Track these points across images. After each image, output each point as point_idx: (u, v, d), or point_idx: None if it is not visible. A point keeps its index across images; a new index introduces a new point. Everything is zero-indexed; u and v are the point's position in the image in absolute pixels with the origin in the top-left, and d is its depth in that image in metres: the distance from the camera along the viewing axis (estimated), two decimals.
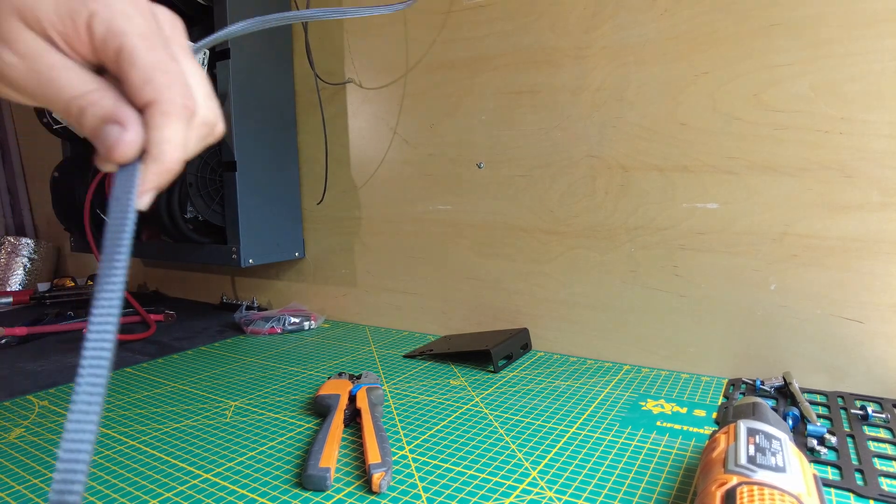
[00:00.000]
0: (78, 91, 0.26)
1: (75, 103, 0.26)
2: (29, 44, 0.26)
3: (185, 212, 0.90)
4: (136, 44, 0.26)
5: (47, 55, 0.26)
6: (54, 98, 0.26)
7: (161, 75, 0.27)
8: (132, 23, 0.27)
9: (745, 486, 0.34)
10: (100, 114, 0.26)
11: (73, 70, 0.26)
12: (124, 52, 0.26)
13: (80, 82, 0.26)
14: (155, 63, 0.27)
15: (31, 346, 0.88)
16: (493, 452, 0.50)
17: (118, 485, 0.46)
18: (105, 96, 0.26)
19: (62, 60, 0.26)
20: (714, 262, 0.65)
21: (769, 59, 0.60)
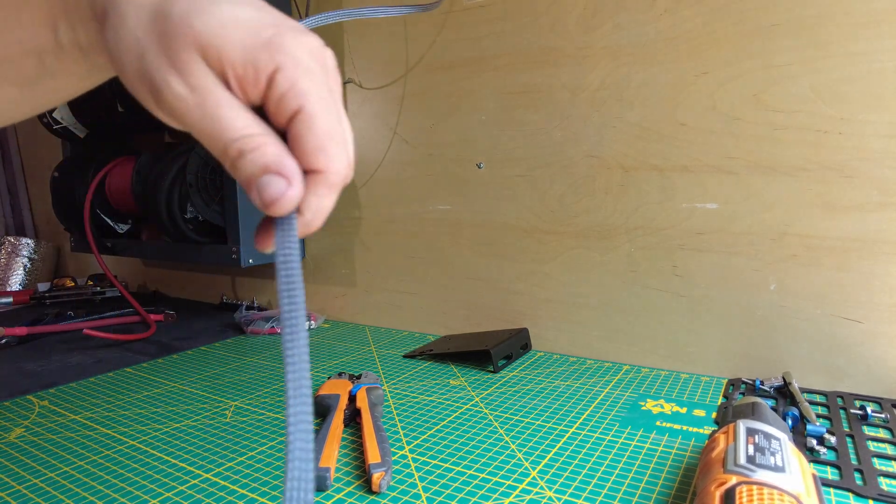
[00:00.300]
0: (241, 133, 0.25)
1: (236, 145, 0.25)
2: (201, 79, 0.25)
3: (186, 212, 0.90)
4: (316, 109, 0.26)
5: (217, 91, 0.25)
6: (215, 135, 0.26)
7: (334, 146, 0.26)
8: (314, 82, 0.26)
9: (745, 485, 0.34)
10: (261, 161, 0.25)
11: (239, 110, 0.25)
12: (303, 115, 0.26)
13: (245, 124, 0.25)
14: (330, 131, 0.26)
15: (32, 345, 0.88)
16: (492, 452, 0.50)
17: (118, 485, 0.46)
18: (269, 143, 0.26)
19: (230, 99, 0.25)
20: (714, 262, 0.65)
21: (769, 60, 0.60)
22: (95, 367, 0.76)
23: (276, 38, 0.25)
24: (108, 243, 1.07)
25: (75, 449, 0.53)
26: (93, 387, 0.69)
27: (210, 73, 0.25)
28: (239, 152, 0.25)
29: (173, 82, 0.25)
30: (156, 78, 0.25)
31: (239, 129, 0.25)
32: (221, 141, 0.25)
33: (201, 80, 0.25)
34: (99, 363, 0.78)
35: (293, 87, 0.25)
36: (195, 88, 0.25)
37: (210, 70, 0.25)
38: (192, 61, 0.25)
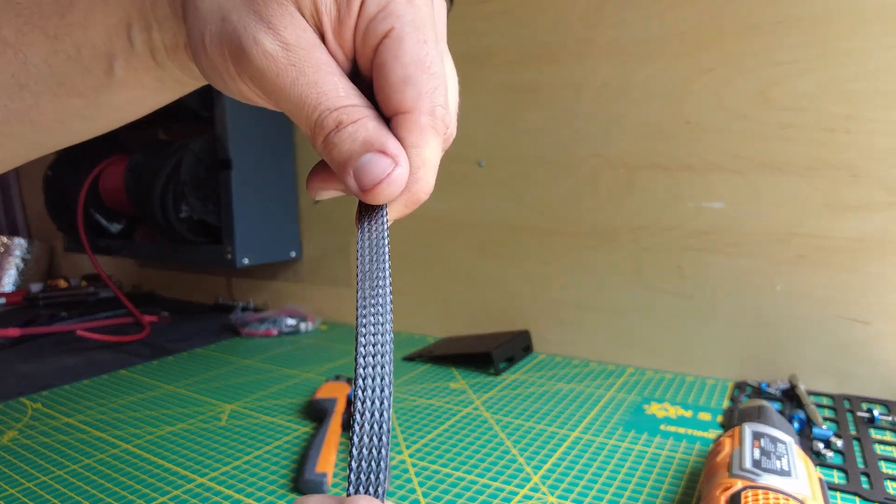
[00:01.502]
0: (342, 102, 0.22)
1: (334, 115, 0.22)
2: (297, 34, 0.22)
3: (180, 211, 0.89)
4: (406, 31, 0.22)
5: (315, 51, 0.22)
6: (309, 103, 0.22)
7: (425, 78, 0.22)
8: (412, 6, 0.22)
9: (750, 490, 0.34)
10: (362, 136, 0.22)
11: (338, 75, 0.22)
12: (389, 39, 0.22)
13: (346, 92, 0.22)
14: (421, 59, 0.22)
15: (25, 347, 0.87)
16: (493, 456, 0.49)
17: (112, 488, 0.45)
18: (369, 115, 0.22)
19: (329, 62, 0.22)
20: (720, 262, 0.65)
21: (775, 57, 0.59)
22: (89, 368, 0.75)
23: None
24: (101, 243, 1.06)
25: (69, 452, 0.52)
26: (86, 389, 0.68)
27: (307, 26, 0.22)
28: (337, 124, 0.22)
29: (263, 38, 0.22)
30: (242, 36, 0.22)
31: (340, 98, 0.22)
32: (317, 111, 0.22)
33: (297, 35, 0.22)
34: (93, 365, 0.77)
35: (384, 8, 0.22)
36: (290, 46, 0.22)
37: (306, 23, 0.22)
38: (285, 13, 0.22)
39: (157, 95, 0.30)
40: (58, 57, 0.26)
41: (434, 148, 0.23)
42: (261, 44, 0.22)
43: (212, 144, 0.88)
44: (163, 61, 0.27)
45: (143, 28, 0.26)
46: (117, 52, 0.27)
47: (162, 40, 0.26)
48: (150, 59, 0.27)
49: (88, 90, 0.28)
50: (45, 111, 0.28)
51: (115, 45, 0.26)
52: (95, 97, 0.28)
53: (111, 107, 0.30)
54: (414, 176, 0.23)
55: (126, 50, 0.27)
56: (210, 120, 0.88)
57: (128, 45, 0.26)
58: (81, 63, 0.27)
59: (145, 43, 0.26)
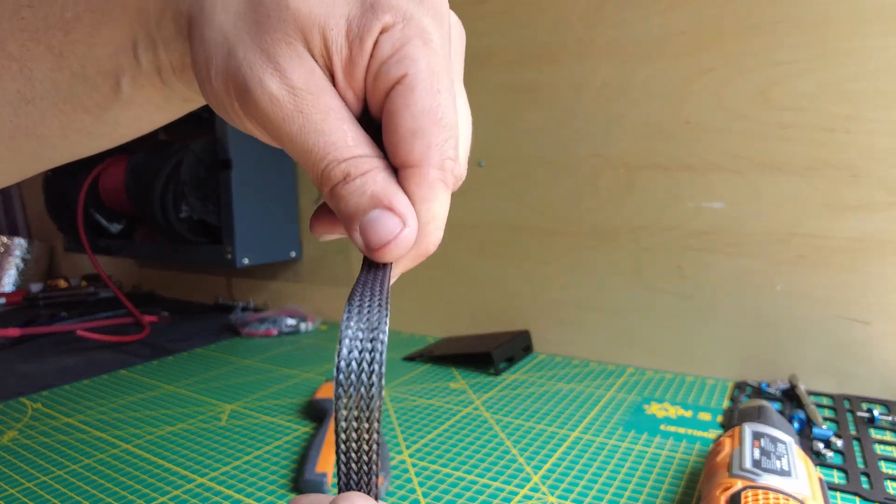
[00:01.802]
0: (351, 152, 0.21)
1: (341, 167, 0.21)
2: (304, 77, 0.20)
3: (180, 211, 0.89)
4: (420, 79, 0.20)
5: (324, 95, 0.21)
6: (316, 152, 0.21)
7: (437, 131, 0.21)
8: (427, 46, 0.20)
9: (750, 490, 0.34)
10: (370, 191, 0.21)
11: (347, 122, 0.21)
12: (402, 87, 0.20)
13: (355, 141, 0.21)
14: (432, 109, 0.21)
15: (25, 347, 0.87)
16: (493, 456, 0.49)
17: (112, 488, 0.45)
18: (379, 167, 0.21)
19: (339, 107, 0.21)
20: (720, 262, 0.64)
21: (775, 57, 0.59)
22: (89, 368, 0.75)
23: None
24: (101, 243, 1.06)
25: (69, 452, 0.52)
26: (86, 389, 0.68)
27: (315, 67, 0.21)
28: (345, 176, 0.21)
29: (269, 81, 0.20)
30: (248, 77, 0.21)
31: (349, 148, 0.21)
32: (324, 161, 0.21)
33: (305, 78, 0.20)
34: (93, 365, 0.77)
35: (399, 50, 0.20)
36: (297, 90, 0.20)
37: (315, 63, 0.21)
38: (293, 54, 0.20)
39: (164, 112, 0.30)
40: (63, 73, 0.26)
41: (443, 202, 0.22)
42: (266, 87, 0.20)
43: (212, 144, 0.88)
44: (170, 80, 0.27)
45: (148, 47, 0.25)
46: (123, 69, 0.26)
47: (169, 60, 0.26)
48: (156, 78, 0.26)
49: (95, 107, 0.28)
50: (51, 126, 0.28)
51: (120, 63, 0.26)
52: (102, 114, 0.28)
53: (118, 123, 0.29)
54: (422, 231, 0.22)
55: (133, 68, 0.26)
56: (210, 120, 0.88)
57: (134, 63, 0.26)
58: (87, 80, 0.26)
59: (151, 62, 0.26)
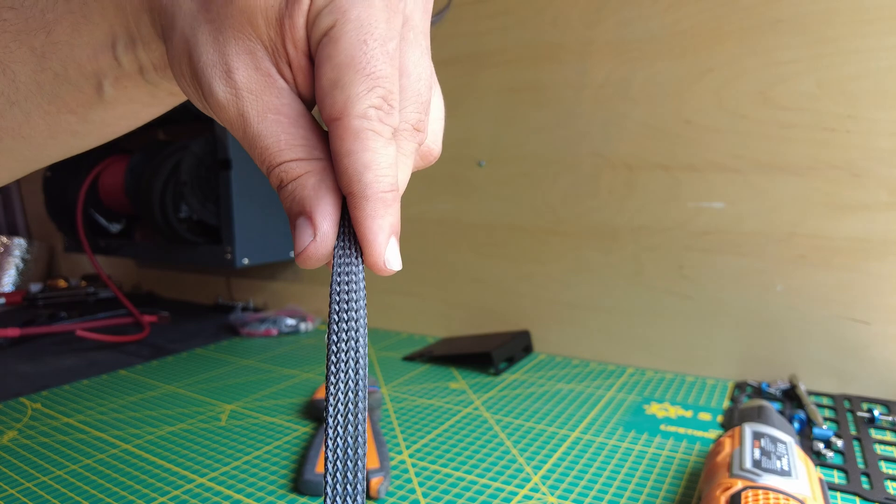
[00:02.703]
0: (282, 157, 0.21)
1: (275, 173, 0.21)
2: (245, 76, 0.20)
3: (180, 211, 0.89)
4: (346, 30, 0.20)
5: (265, 93, 0.20)
6: (254, 155, 0.21)
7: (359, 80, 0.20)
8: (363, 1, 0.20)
9: (751, 490, 0.34)
10: (298, 197, 0.21)
11: (285, 121, 0.21)
12: (328, 38, 0.20)
13: (289, 143, 0.21)
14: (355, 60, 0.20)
15: (24, 347, 0.86)
16: (493, 457, 0.49)
17: (111, 489, 0.45)
18: (311, 171, 0.21)
19: (279, 104, 0.21)
20: (720, 262, 0.64)
21: (775, 56, 0.59)
22: (89, 369, 0.75)
23: None
24: (101, 243, 1.05)
25: (68, 452, 0.52)
26: (86, 389, 0.68)
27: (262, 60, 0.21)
28: (279, 182, 0.21)
29: (216, 85, 0.20)
30: (202, 80, 0.21)
31: (281, 153, 0.21)
32: (262, 165, 0.21)
33: (246, 77, 0.20)
34: (92, 365, 0.77)
35: (331, 2, 0.20)
36: (239, 91, 0.20)
37: (265, 54, 0.21)
38: (241, 50, 0.20)
39: (150, 109, 0.30)
40: (45, 74, 0.26)
41: (377, 150, 0.21)
42: (215, 92, 0.21)
43: (212, 144, 0.87)
44: (153, 78, 0.27)
45: (128, 46, 0.25)
46: (105, 70, 0.26)
47: (150, 59, 0.26)
48: (139, 77, 0.26)
49: (79, 107, 0.28)
50: (37, 127, 0.28)
51: (101, 64, 0.26)
52: (87, 113, 0.28)
53: (104, 122, 0.29)
54: (360, 183, 0.21)
55: (114, 68, 0.26)
56: (210, 120, 0.88)
57: (115, 63, 0.26)
58: (70, 81, 0.26)
59: (132, 62, 0.26)
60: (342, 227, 0.22)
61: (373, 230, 0.21)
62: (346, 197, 0.21)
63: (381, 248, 0.22)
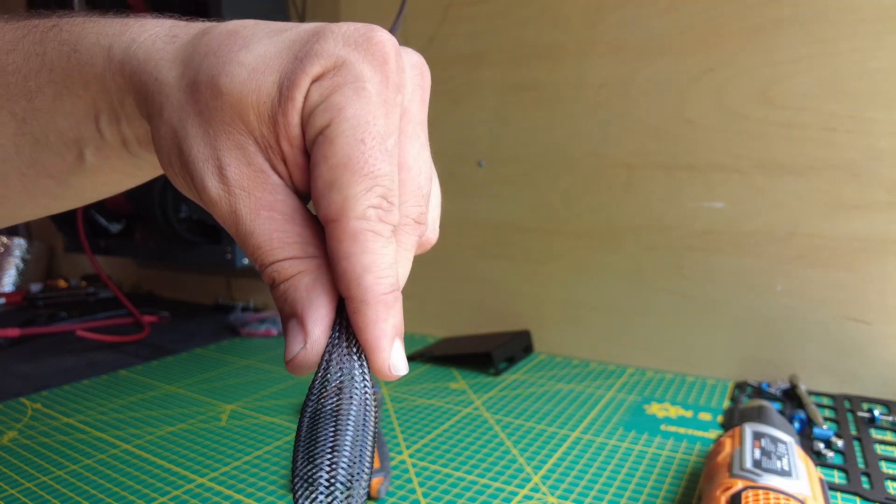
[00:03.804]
0: (274, 256, 0.20)
1: (267, 272, 0.20)
2: (241, 169, 0.20)
3: (180, 211, 0.89)
4: (341, 130, 0.19)
5: (256, 189, 0.20)
6: (247, 252, 0.20)
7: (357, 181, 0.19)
8: (359, 97, 0.19)
9: (751, 490, 0.34)
10: (290, 298, 0.20)
11: (278, 219, 0.20)
12: (323, 137, 0.19)
13: (281, 242, 0.20)
14: (352, 160, 0.19)
15: (24, 347, 0.86)
16: (494, 457, 0.49)
17: (111, 489, 0.45)
18: (304, 270, 0.20)
19: (271, 201, 0.20)
20: (720, 262, 0.64)
21: (775, 56, 0.59)
22: (89, 369, 0.75)
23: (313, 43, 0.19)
24: (101, 243, 1.05)
25: (69, 452, 0.52)
26: (86, 389, 0.68)
27: (255, 155, 0.20)
28: (271, 281, 0.21)
29: (208, 181, 0.20)
30: (194, 175, 0.20)
31: (274, 252, 0.20)
32: (256, 262, 0.21)
33: (238, 173, 0.20)
34: (92, 365, 0.77)
35: (326, 99, 0.19)
36: (230, 187, 0.20)
37: (256, 148, 0.20)
38: (232, 145, 0.20)
39: (133, 179, 0.29)
40: (26, 138, 0.26)
41: (377, 252, 0.20)
42: (207, 188, 0.20)
43: None
44: (136, 151, 0.26)
45: (111, 120, 0.25)
46: (87, 140, 0.26)
47: (133, 134, 0.25)
48: (122, 150, 0.26)
49: (59, 173, 0.27)
50: (14, 189, 0.28)
51: (83, 134, 0.25)
52: (66, 179, 0.28)
53: (84, 188, 0.29)
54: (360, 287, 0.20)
55: (96, 139, 0.26)
56: None
57: (97, 134, 0.25)
58: (50, 147, 0.26)
59: (115, 135, 0.25)
60: (338, 328, 0.21)
61: (375, 335, 0.21)
62: (345, 300, 0.21)
63: (385, 354, 0.21)
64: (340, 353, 0.20)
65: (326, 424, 0.18)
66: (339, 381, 0.19)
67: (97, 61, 0.23)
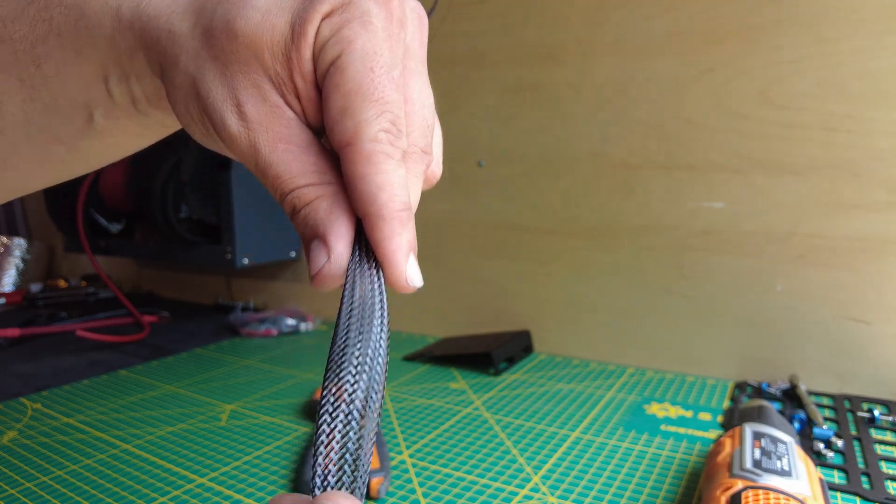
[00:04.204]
0: (294, 184, 0.21)
1: (287, 200, 0.21)
2: (259, 105, 0.21)
3: (180, 211, 0.89)
4: (351, 60, 0.20)
5: (274, 124, 0.21)
6: (267, 184, 0.22)
7: (368, 106, 0.20)
8: (367, 30, 0.21)
9: (751, 490, 0.34)
10: (311, 221, 0.21)
11: (295, 149, 0.21)
12: (335, 68, 0.21)
13: (301, 170, 0.21)
14: (363, 88, 0.20)
15: (24, 347, 0.86)
16: (494, 457, 0.49)
17: (111, 489, 0.45)
18: (323, 195, 0.21)
19: (288, 134, 0.21)
20: (720, 262, 0.64)
21: (775, 56, 0.59)
22: (89, 369, 0.75)
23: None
24: (101, 243, 1.05)
25: (68, 452, 0.52)
26: (86, 389, 0.68)
27: (270, 92, 0.21)
28: (292, 209, 0.22)
29: (228, 119, 0.21)
30: (213, 116, 0.21)
31: (293, 179, 0.21)
32: (276, 193, 0.22)
33: (256, 110, 0.21)
34: (92, 365, 0.77)
35: (336, 33, 0.21)
36: (249, 123, 0.21)
37: (271, 86, 0.21)
38: (248, 84, 0.21)
39: (141, 139, 0.30)
40: (35, 104, 0.26)
41: (390, 171, 0.21)
42: (227, 127, 0.21)
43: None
44: (146, 110, 0.27)
45: (120, 79, 0.25)
46: (96, 102, 0.26)
47: (143, 91, 0.26)
48: (131, 108, 0.26)
49: (69, 138, 0.28)
50: (24, 156, 0.28)
51: (93, 96, 0.26)
52: (76, 144, 0.28)
53: (93, 152, 0.29)
54: (376, 204, 0.21)
55: (105, 101, 0.26)
56: None
57: (106, 96, 0.26)
58: (60, 112, 0.26)
59: (125, 94, 0.26)
60: (358, 249, 0.22)
61: (392, 249, 0.22)
62: (361, 219, 0.22)
63: (402, 266, 0.22)
64: (362, 271, 0.22)
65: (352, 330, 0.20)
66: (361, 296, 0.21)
67: (106, 22, 0.24)
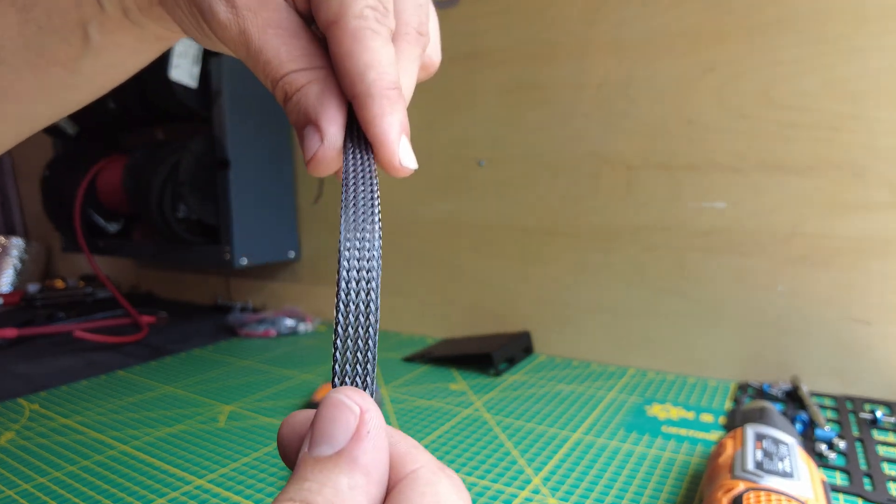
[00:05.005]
0: (284, 69, 0.21)
1: (279, 87, 0.22)
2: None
3: (178, 211, 0.88)
4: None
5: (264, 9, 0.21)
6: (260, 72, 0.22)
7: None
8: None
9: (753, 491, 0.34)
10: (303, 107, 0.21)
11: (285, 35, 0.21)
12: None
13: (291, 56, 0.21)
14: None
15: (22, 348, 0.86)
16: (494, 458, 0.49)
17: (109, 490, 0.45)
18: (314, 80, 0.21)
19: (278, 19, 0.21)
20: (721, 263, 0.64)
21: (777, 56, 0.59)
22: (86, 369, 0.75)
23: None
24: (99, 243, 1.05)
25: (66, 453, 0.51)
26: (84, 390, 0.67)
27: None
28: (283, 95, 0.22)
29: (217, 6, 0.21)
30: (202, 5, 0.21)
31: (283, 65, 0.21)
32: (266, 80, 0.22)
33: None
34: (90, 366, 0.77)
35: None
36: (238, 9, 0.21)
37: None
38: None
39: (138, 55, 0.30)
40: (29, 27, 0.26)
41: (380, 49, 0.21)
42: (216, 14, 0.21)
43: (210, 144, 0.87)
44: (138, 20, 0.27)
45: None
46: (88, 16, 0.26)
47: (133, 0, 0.26)
48: (124, 20, 0.27)
49: (68, 59, 0.28)
50: (27, 83, 0.28)
51: (84, 10, 0.26)
52: (76, 65, 0.28)
53: (94, 72, 0.29)
54: (364, 82, 0.21)
55: (97, 13, 0.26)
56: (208, 120, 0.87)
57: (97, 8, 0.26)
58: (55, 32, 0.27)
59: (115, 4, 0.26)
60: (350, 134, 0.22)
61: (383, 128, 0.21)
62: (351, 101, 0.22)
63: (394, 146, 0.22)
64: (355, 155, 0.22)
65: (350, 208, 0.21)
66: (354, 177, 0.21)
67: None
